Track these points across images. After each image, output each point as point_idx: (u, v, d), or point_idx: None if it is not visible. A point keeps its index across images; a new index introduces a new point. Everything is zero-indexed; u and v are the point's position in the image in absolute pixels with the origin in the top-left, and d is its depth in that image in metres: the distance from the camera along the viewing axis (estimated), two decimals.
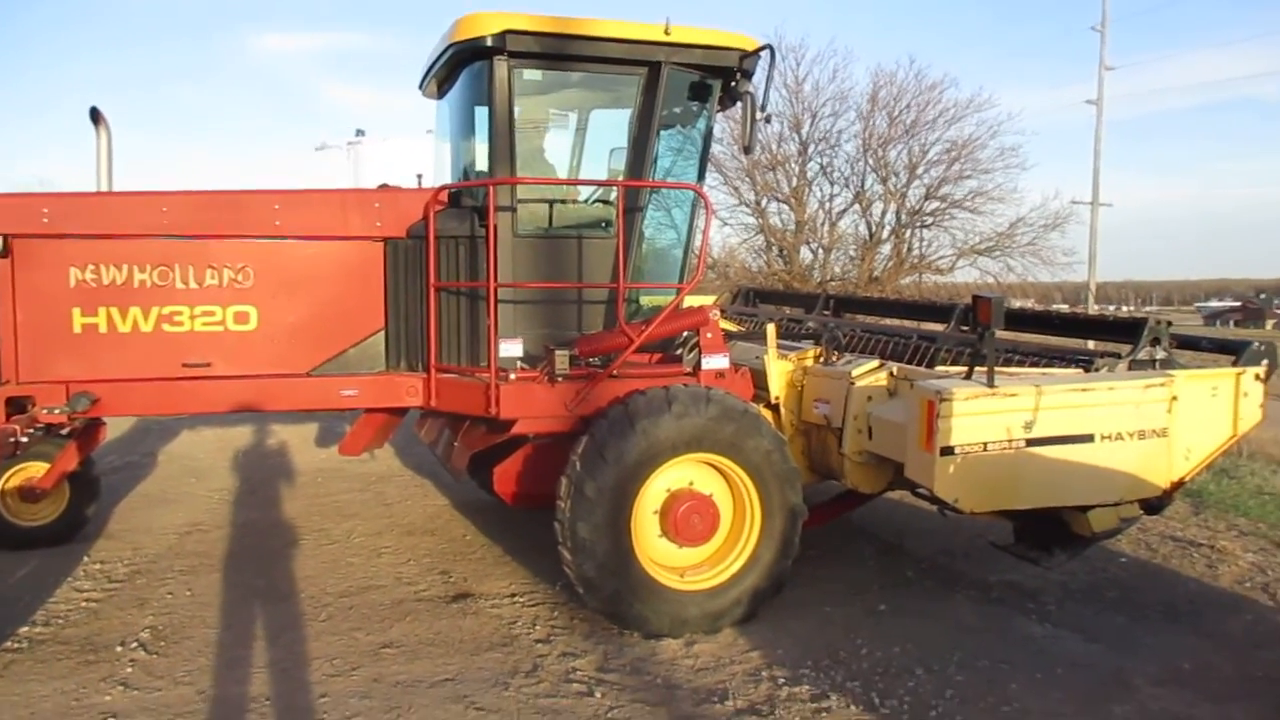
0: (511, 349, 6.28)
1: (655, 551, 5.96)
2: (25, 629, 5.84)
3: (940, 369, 6.39)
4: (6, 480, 7.16)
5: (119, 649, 5.54)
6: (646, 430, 5.65)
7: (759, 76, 6.90)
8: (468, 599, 6.42)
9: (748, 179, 25.84)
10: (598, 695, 5.01)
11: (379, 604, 6.31)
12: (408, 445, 10.86)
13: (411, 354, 6.57)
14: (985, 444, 5.47)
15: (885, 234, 26.62)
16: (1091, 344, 7.33)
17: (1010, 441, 5.51)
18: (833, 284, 26.07)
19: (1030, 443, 5.55)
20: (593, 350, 6.24)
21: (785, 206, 26.44)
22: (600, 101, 7.47)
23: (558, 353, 6.03)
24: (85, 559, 7.25)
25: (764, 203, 26.44)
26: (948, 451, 5.40)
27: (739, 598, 5.92)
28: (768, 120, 6.94)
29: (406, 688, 5.07)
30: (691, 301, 7.17)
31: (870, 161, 26.07)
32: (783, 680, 5.20)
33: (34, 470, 7.20)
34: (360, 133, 19.70)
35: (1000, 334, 5.85)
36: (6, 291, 5.90)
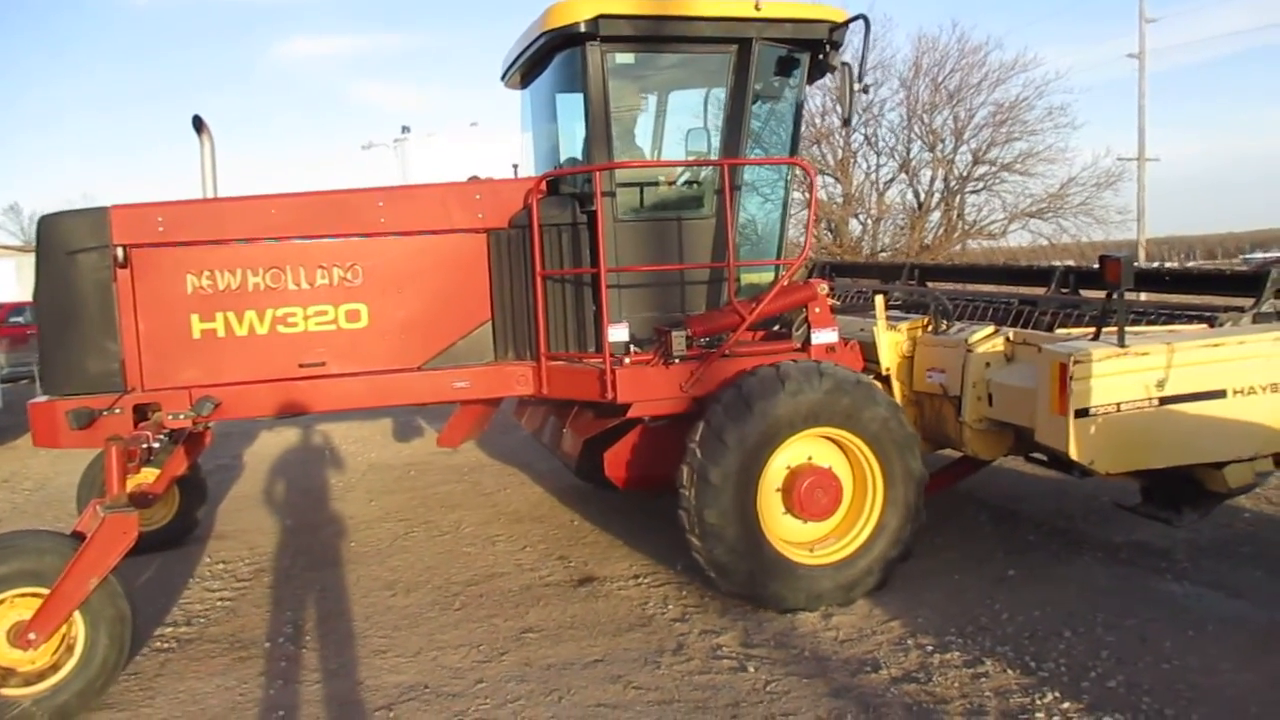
0: (618, 333, 6.27)
1: (782, 529, 5.96)
2: (170, 629, 5.97)
3: (1061, 331, 6.31)
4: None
5: (267, 645, 5.64)
6: (764, 411, 5.64)
7: (856, 47, 6.85)
8: (593, 582, 6.46)
9: None
10: (751, 669, 5.03)
11: (507, 590, 6.38)
12: (491, 436, 10.90)
13: (519, 343, 6.59)
14: (1119, 404, 5.41)
15: (934, 201, 26.35)
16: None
17: (1144, 401, 5.45)
18: (883, 254, 25.87)
19: (1164, 401, 5.49)
20: (705, 330, 6.23)
21: (831, 180, 26.24)
22: (686, 81, 7.42)
23: (674, 334, 6.03)
24: (206, 559, 7.39)
25: None
26: (1082, 414, 5.35)
27: (870, 566, 5.92)
28: (865, 91, 6.89)
29: (559, 670, 5.12)
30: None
31: (916, 129, 25.83)
32: (931, 648, 5.20)
33: (144, 476, 7.31)
34: (405, 130, 19.75)
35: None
36: (128, 301, 5.97)
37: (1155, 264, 24.51)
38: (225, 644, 5.70)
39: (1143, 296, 7.64)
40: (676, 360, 6.06)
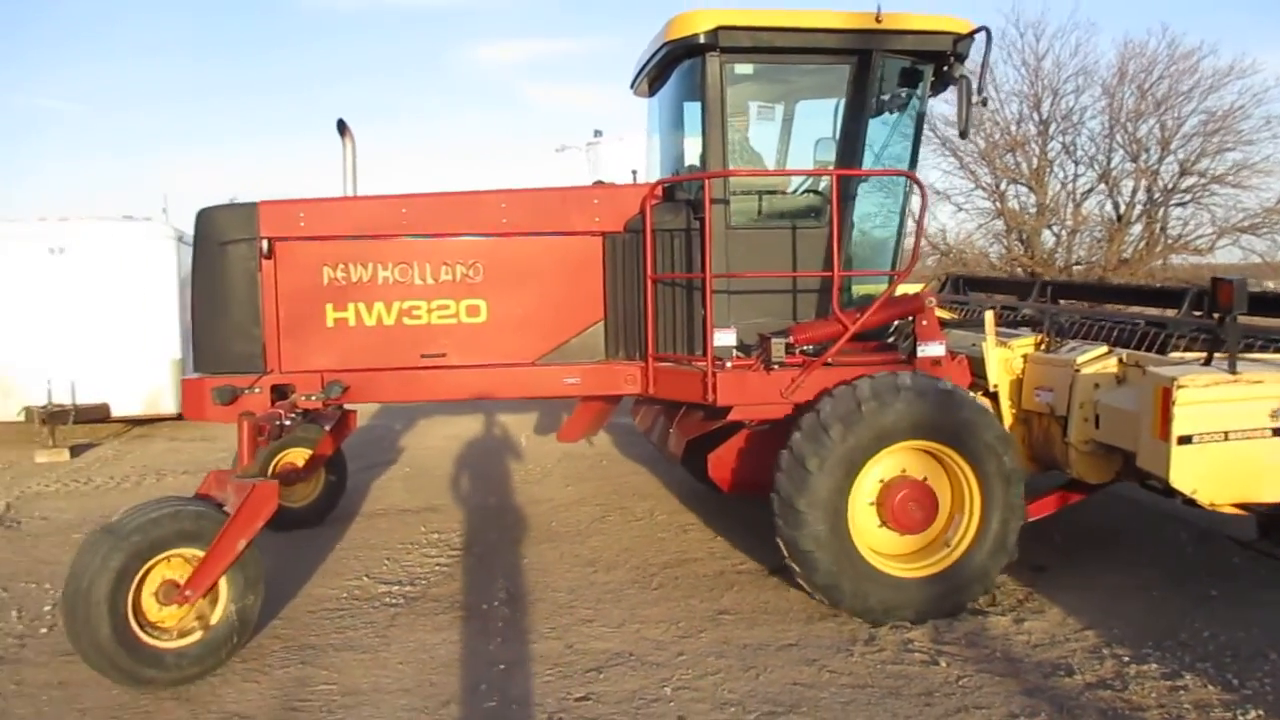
0: (725, 338, 6.37)
1: (900, 548, 6.05)
2: (396, 587, 6.58)
3: (1174, 355, 6.15)
4: (275, 466, 7.88)
5: (484, 607, 6.16)
6: (819, 469, 5.66)
7: (976, 59, 6.75)
8: (785, 573, 6.68)
9: (985, 163, 25.05)
10: (942, 664, 5.19)
11: (702, 575, 6.71)
12: None
13: (630, 343, 6.79)
14: (1227, 433, 5.26)
15: (1135, 214, 25.18)
16: None
17: (1256, 430, 5.27)
18: (1077, 267, 24.94)
19: (1278, 432, 5.29)
20: (808, 338, 6.26)
21: (1025, 189, 25.47)
22: (809, 92, 7.49)
23: (774, 341, 6.14)
24: (421, 529, 8.04)
25: (1003, 186, 25.57)
26: (1185, 440, 5.23)
27: (1000, 531, 5.88)
28: (984, 103, 6.73)
29: (755, 650, 5.41)
30: (902, 290, 7.02)
31: (1118, 138, 24.74)
32: (1127, 659, 5.21)
33: (294, 457, 7.98)
34: (598, 133, 20.09)
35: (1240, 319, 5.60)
36: (270, 289, 6.44)
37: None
38: (446, 603, 6.25)
39: None
40: (776, 366, 6.16)
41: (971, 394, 6.03)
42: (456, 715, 4.72)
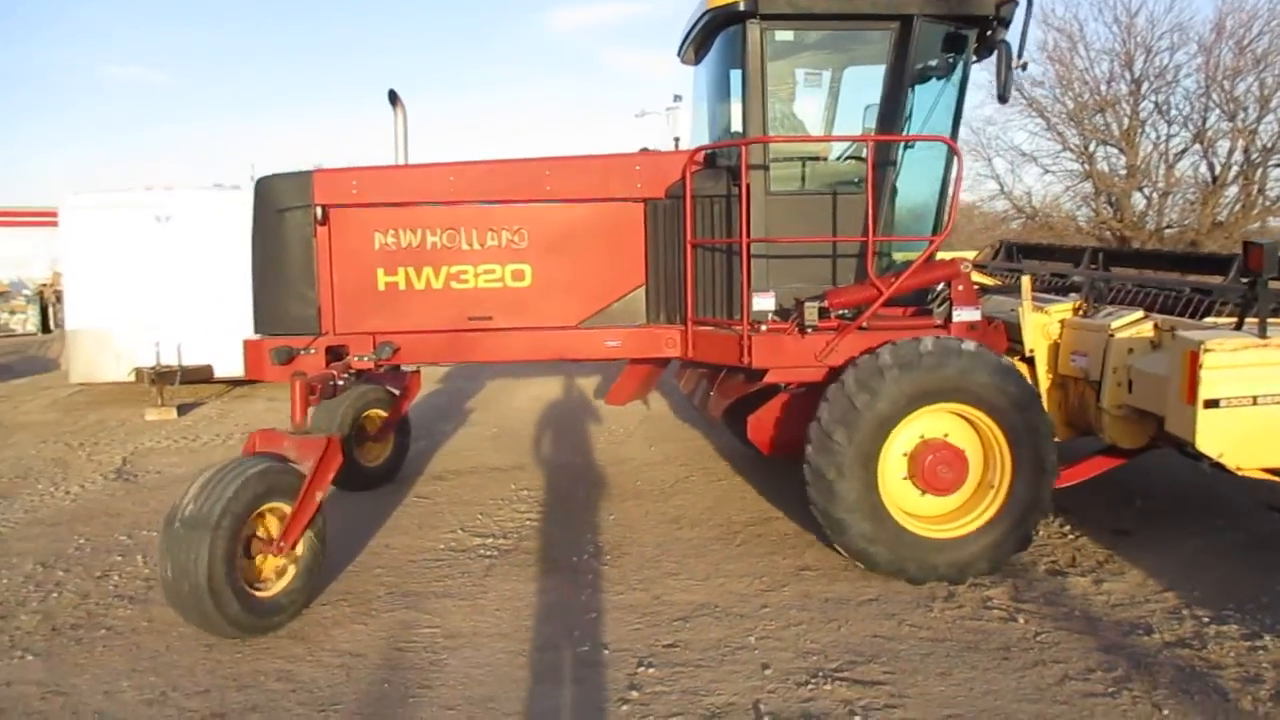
0: (764, 302, 6.45)
1: (944, 507, 6.14)
2: (490, 540, 6.90)
3: (1208, 320, 6.09)
4: (358, 428, 8.18)
5: (574, 560, 6.44)
6: (845, 480, 5.80)
7: (1016, 23, 6.66)
8: None
9: (1073, 124, 24.48)
10: (1020, 621, 5.32)
11: (784, 533, 6.91)
12: None
13: (670, 307, 6.90)
14: (1255, 397, 5.27)
15: (1231, 175, 24.40)
16: None
17: None
18: (1168, 230, 24.31)
19: None
20: (842, 303, 6.30)
21: (1115, 151, 24.83)
22: (852, 58, 7.45)
23: (807, 305, 6.21)
24: (511, 486, 8.37)
25: (1091, 147, 24.99)
26: (1212, 404, 5.25)
27: (1034, 455, 5.94)
28: (1024, 68, 6.63)
29: (836, 604, 5.60)
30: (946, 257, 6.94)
31: (1214, 97, 23.94)
32: (1207, 619, 5.28)
33: (367, 420, 8.31)
34: (678, 98, 20.11)
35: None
36: (325, 254, 6.69)
37: None
38: (537, 556, 6.56)
39: None
40: (810, 330, 6.23)
41: (957, 340, 6.01)
42: (552, 658, 5.00)
